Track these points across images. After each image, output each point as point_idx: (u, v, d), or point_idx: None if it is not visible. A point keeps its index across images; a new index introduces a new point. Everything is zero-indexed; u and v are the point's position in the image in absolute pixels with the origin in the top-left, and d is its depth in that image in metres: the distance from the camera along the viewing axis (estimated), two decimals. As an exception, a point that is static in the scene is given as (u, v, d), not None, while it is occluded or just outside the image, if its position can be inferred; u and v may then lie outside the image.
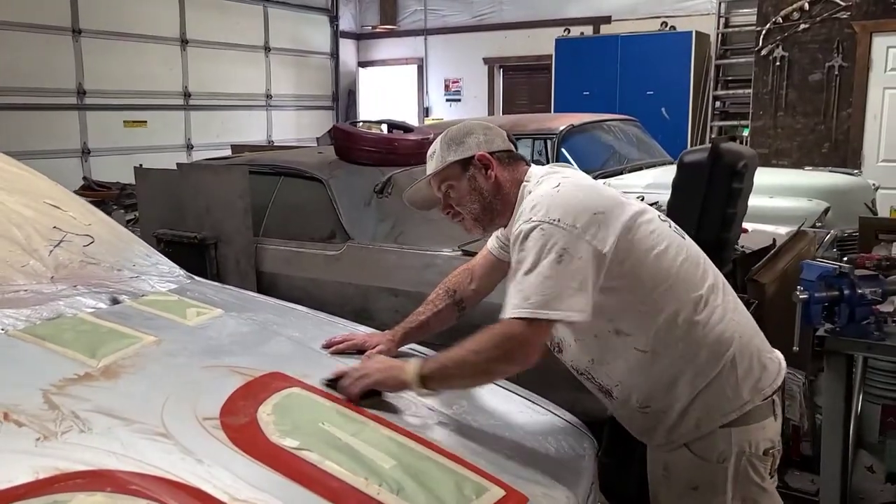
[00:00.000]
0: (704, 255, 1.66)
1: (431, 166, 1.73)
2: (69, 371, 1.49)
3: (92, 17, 7.67)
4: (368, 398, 1.51)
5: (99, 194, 5.38)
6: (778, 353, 1.68)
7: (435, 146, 1.73)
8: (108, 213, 2.97)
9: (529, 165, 1.72)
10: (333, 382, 1.55)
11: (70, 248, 2.10)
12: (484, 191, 1.67)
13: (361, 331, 1.96)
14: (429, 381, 1.50)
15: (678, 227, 1.65)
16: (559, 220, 1.46)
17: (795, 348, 2.13)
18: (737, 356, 1.54)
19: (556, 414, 1.65)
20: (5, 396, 1.35)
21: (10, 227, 2.03)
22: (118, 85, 7.97)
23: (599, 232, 1.48)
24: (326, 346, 1.81)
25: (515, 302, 1.44)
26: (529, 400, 1.70)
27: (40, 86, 7.32)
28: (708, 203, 2.33)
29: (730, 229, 2.38)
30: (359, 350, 1.80)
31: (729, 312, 1.58)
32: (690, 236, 1.67)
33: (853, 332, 2.13)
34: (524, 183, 1.65)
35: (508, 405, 1.64)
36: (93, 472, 1.15)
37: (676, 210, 2.37)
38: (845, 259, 2.31)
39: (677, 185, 2.37)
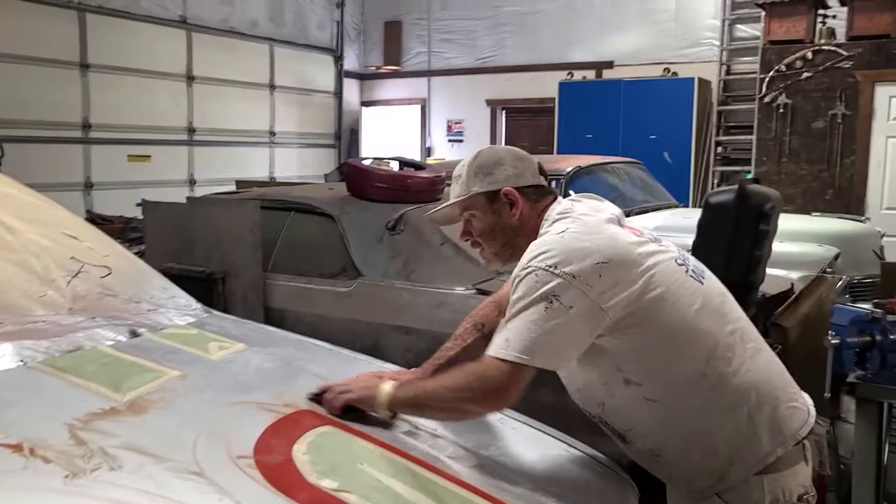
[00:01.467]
0: (728, 297, 1.59)
1: (455, 190, 1.67)
2: (94, 405, 1.43)
3: (100, 52, 7.72)
4: (351, 413, 1.53)
5: (103, 228, 5.33)
6: (806, 398, 1.61)
7: (462, 170, 1.67)
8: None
9: (556, 197, 1.67)
10: (318, 397, 1.58)
11: (88, 279, 2.05)
12: (507, 227, 1.63)
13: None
14: (398, 406, 1.52)
15: (698, 268, 1.58)
16: (555, 267, 1.41)
17: (827, 394, 2.10)
18: (753, 409, 1.47)
19: (597, 460, 1.60)
20: (30, 430, 1.29)
21: (28, 257, 1.99)
22: (123, 119, 7.99)
23: (599, 283, 1.41)
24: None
25: (498, 342, 1.42)
26: (570, 445, 1.65)
27: (46, 119, 7.33)
28: (734, 245, 2.31)
29: (756, 272, 2.36)
30: None
31: (747, 362, 1.50)
32: (719, 278, 1.61)
33: (885, 378, 2.10)
34: (543, 222, 1.60)
35: (547, 450, 1.59)
36: (127, 512, 1.09)
37: (702, 251, 2.34)
38: (874, 304, 2.28)
39: (703, 226, 2.35)
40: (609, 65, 9.34)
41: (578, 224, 1.50)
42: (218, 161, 9.03)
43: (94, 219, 5.85)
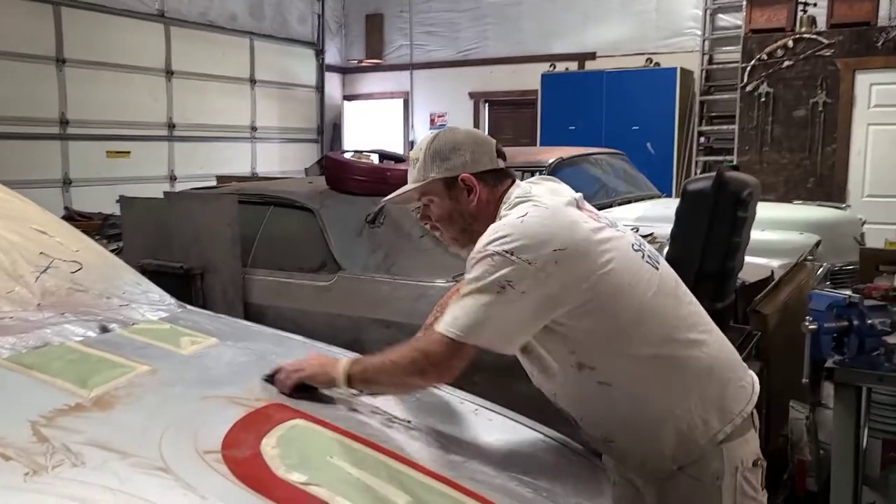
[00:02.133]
0: (681, 283, 1.62)
1: (413, 174, 1.65)
2: (59, 402, 1.40)
3: (77, 47, 7.62)
4: (303, 392, 1.56)
5: (81, 225, 5.27)
6: (752, 376, 1.65)
7: (419, 153, 1.64)
8: (94, 242, 2.88)
9: (514, 180, 1.65)
10: (271, 377, 1.60)
11: (57, 274, 2.02)
12: (465, 213, 1.62)
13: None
14: (354, 382, 1.54)
15: (653, 254, 1.60)
16: (512, 253, 1.41)
17: (805, 380, 2.10)
18: (703, 392, 1.51)
19: (571, 448, 1.58)
20: (-9, 428, 1.27)
21: (-5, 252, 1.95)
22: (102, 115, 7.89)
23: (556, 270, 1.41)
24: None
25: (447, 318, 1.45)
26: (545, 434, 1.63)
27: (22, 115, 7.23)
28: (712, 232, 2.30)
29: (734, 258, 2.35)
30: None
31: (699, 346, 1.53)
32: (695, 266, 1.63)
33: (863, 363, 2.10)
34: (502, 205, 1.59)
35: (523, 439, 1.58)
36: (87, 510, 1.06)
37: (680, 239, 2.34)
38: (853, 289, 2.29)
39: (681, 214, 2.34)
40: (591, 56, 9.33)
41: (538, 209, 1.49)
42: (199, 156, 8.95)
43: (73, 216, 5.78)
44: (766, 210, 5.11)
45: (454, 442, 1.49)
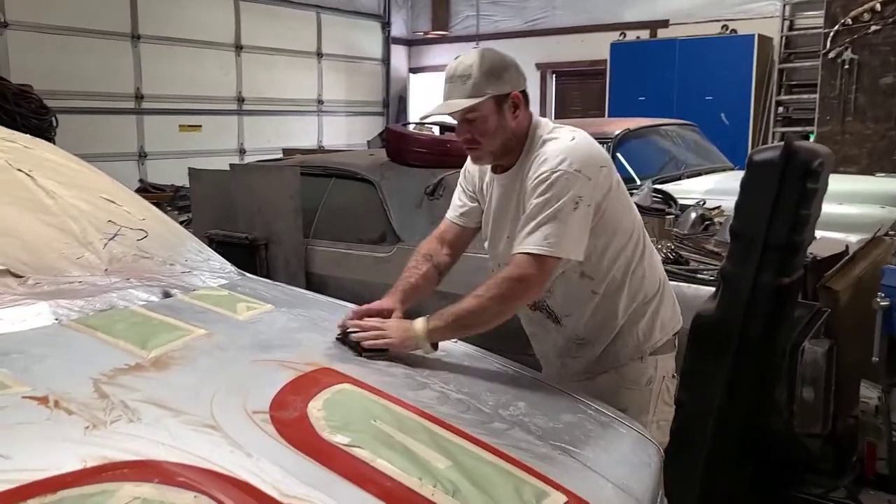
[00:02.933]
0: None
1: (464, 91, 1.69)
2: (120, 361, 1.46)
3: (151, 24, 7.86)
4: (376, 353, 1.62)
5: (154, 196, 5.46)
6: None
7: (471, 69, 1.69)
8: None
9: None
10: (345, 338, 1.67)
11: (124, 241, 2.10)
12: (507, 128, 1.73)
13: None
14: (440, 334, 1.66)
15: None
16: (580, 171, 1.64)
17: (875, 358, 2.00)
18: (657, 304, 1.86)
19: (619, 420, 1.56)
20: (56, 385, 1.33)
21: (67, 220, 2.04)
22: (175, 90, 8.14)
23: (601, 184, 1.69)
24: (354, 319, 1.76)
25: (535, 239, 1.62)
26: (590, 404, 1.61)
27: (100, 90, 7.52)
28: (779, 204, 2.19)
29: (802, 232, 2.24)
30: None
31: (656, 264, 1.90)
32: (760, 239, 1.91)
33: (939, 341, 1.98)
34: (537, 129, 1.77)
35: (568, 409, 1.56)
36: (141, 462, 1.11)
37: (744, 211, 2.24)
38: (929, 264, 2.16)
39: (746, 185, 2.24)
40: (664, 24, 9.03)
41: (578, 133, 1.75)
42: (267, 130, 9.14)
43: (146, 188, 6.00)
44: (845, 183, 4.90)
45: (499, 409, 1.48)
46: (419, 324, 1.66)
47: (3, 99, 5.79)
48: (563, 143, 1.70)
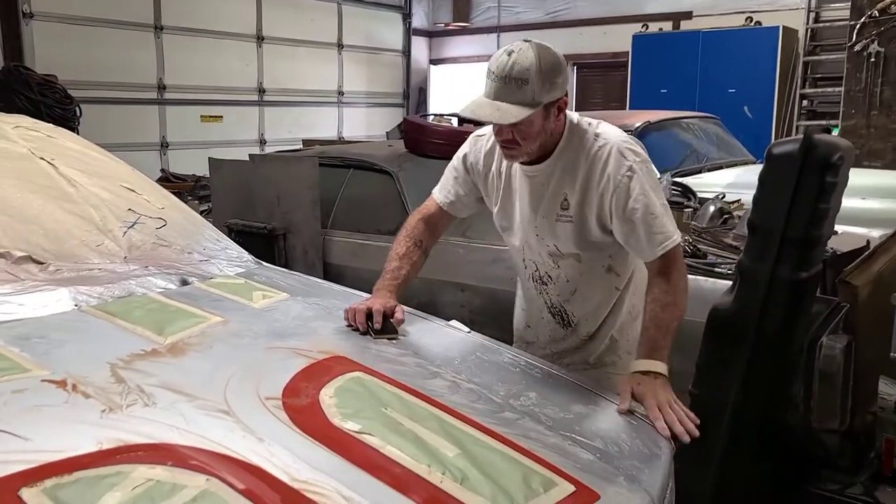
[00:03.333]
0: None
1: (519, 97, 1.60)
2: (137, 347, 1.49)
3: (173, 14, 7.92)
4: (387, 334, 1.70)
5: (175, 186, 5.53)
6: None
7: (529, 74, 1.59)
8: (183, 203, 3.01)
9: None
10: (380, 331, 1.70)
11: (143, 230, 2.13)
12: (548, 130, 1.71)
13: (363, 300, 1.86)
14: (666, 359, 1.64)
15: None
16: (642, 157, 1.72)
17: (893, 354, 1.98)
18: (640, 301, 1.87)
19: (632, 411, 1.56)
20: (75, 368, 1.36)
21: (88, 208, 2.08)
22: (196, 80, 8.20)
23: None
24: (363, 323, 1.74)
25: (668, 232, 1.69)
26: (601, 395, 1.61)
27: (123, 80, 7.59)
28: (798, 197, 2.17)
29: (821, 226, 2.21)
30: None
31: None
32: (777, 233, 1.86)
33: (959, 338, 1.96)
34: (577, 122, 1.76)
35: (579, 400, 1.56)
36: (155, 445, 1.13)
37: (762, 204, 2.22)
38: (951, 259, 2.12)
39: (764, 178, 2.22)
40: (687, 15, 8.94)
41: (609, 125, 1.80)
42: (287, 121, 9.18)
43: (168, 177, 6.06)
44: (869, 177, 4.83)
45: (510, 399, 1.49)
46: (660, 367, 1.61)
47: (28, 89, 5.88)
48: (612, 134, 1.75)
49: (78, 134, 3.20)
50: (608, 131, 1.76)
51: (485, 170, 1.93)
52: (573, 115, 1.80)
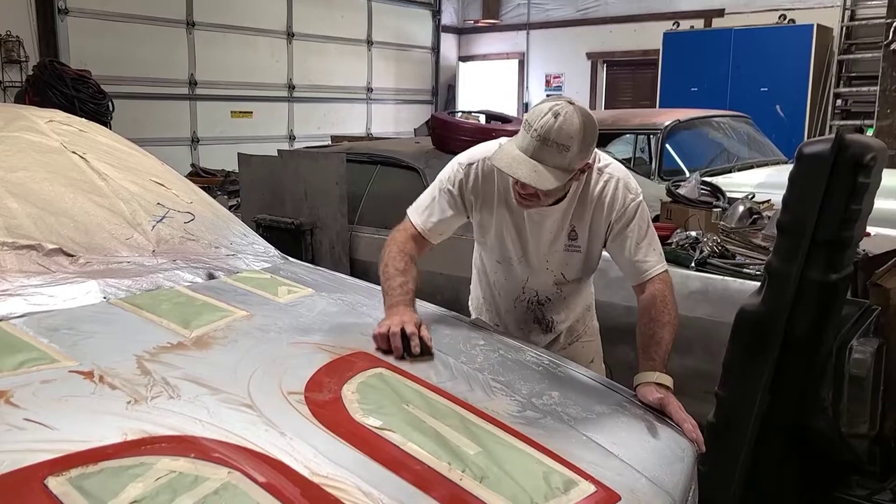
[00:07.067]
0: None
1: (558, 161, 1.60)
2: (163, 339, 1.51)
3: (205, 10, 8.01)
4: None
5: (205, 180, 5.59)
6: None
7: (572, 142, 1.59)
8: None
9: None
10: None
11: (172, 224, 2.16)
12: (567, 187, 1.75)
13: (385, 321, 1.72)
14: (666, 373, 1.67)
15: None
16: (640, 192, 1.86)
17: (926, 359, 1.93)
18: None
19: (655, 413, 1.54)
20: (102, 360, 1.38)
21: (117, 202, 2.11)
22: (227, 76, 8.29)
23: None
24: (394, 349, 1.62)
25: (658, 257, 1.83)
26: (624, 396, 1.60)
27: (156, 76, 7.70)
28: (828, 198, 2.13)
29: (852, 227, 2.17)
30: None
31: None
32: (807, 234, 1.86)
33: None
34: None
35: (602, 400, 1.55)
36: (179, 437, 1.15)
37: (792, 205, 2.19)
38: None
39: (794, 178, 2.18)
40: (719, 13, 8.82)
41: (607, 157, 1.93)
42: (317, 117, 9.24)
43: (198, 172, 6.13)
44: (904, 178, 4.71)
45: (532, 398, 1.48)
46: (666, 380, 1.63)
47: (62, 83, 5.98)
48: (616, 168, 1.87)
49: (110, 129, 3.25)
50: (611, 164, 1.87)
51: (480, 201, 1.88)
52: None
